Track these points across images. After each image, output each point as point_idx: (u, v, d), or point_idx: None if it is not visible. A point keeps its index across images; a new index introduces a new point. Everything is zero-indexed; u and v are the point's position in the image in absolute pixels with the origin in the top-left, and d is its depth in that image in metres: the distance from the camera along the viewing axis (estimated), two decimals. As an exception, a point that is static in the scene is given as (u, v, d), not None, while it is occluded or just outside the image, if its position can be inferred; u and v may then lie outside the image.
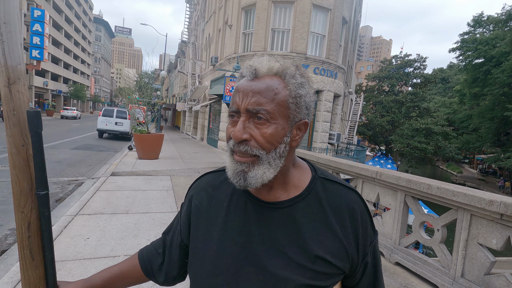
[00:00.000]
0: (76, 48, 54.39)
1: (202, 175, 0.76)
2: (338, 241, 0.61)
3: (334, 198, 0.64)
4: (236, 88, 0.61)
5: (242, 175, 0.58)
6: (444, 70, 44.02)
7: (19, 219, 0.64)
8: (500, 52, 20.22)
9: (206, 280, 0.63)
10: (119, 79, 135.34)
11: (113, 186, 5.62)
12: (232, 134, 0.58)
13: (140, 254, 0.79)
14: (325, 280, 0.60)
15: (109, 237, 3.30)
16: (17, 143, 0.62)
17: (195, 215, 0.69)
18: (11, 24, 0.60)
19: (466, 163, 37.31)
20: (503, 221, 2.30)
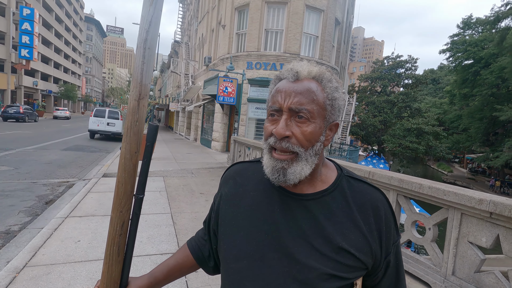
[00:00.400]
0: (67, 47, 53.54)
1: (232, 164, 0.82)
2: (362, 236, 0.63)
3: (359, 195, 0.67)
4: (277, 89, 0.65)
5: (282, 171, 0.62)
6: (434, 71, 44.75)
7: (116, 217, 0.71)
8: (488, 53, 20.65)
9: (232, 264, 0.67)
10: (111, 79, 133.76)
11: (105, 188, 5.54)
12: (274, 131, 0.62)
13: (189, 244, 0.86)
14: (348, 272, 0.62)
15: (100, 240, 3.25)
16: (132, 150, 0.70)
17: (224, 202, 0.74)
18: (152, 49, 0.71)
19: (456, 163, 37.98)
20: (493, 220, 2.34)
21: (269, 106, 0.65)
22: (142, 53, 0.69)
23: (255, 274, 0.64)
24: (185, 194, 5.60)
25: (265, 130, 0.66)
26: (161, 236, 3.54)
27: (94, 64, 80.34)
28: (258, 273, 0.64)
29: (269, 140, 0.64)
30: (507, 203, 2.20)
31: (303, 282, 0.61)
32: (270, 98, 0.67)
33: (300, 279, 0.61)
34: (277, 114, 0.64)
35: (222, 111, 14.07)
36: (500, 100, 19.90)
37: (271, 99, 0.66)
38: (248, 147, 8.42)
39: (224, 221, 0.72)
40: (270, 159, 0.64)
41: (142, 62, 0.70)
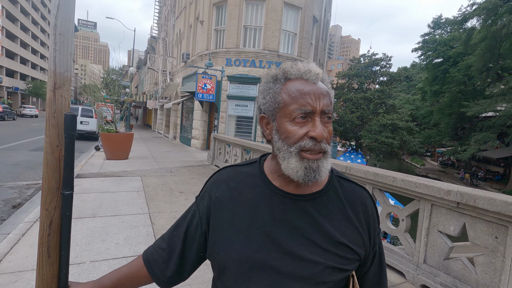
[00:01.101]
0: (34, 42, 50.54)
1: (220, 169, 0.80)
2: (356, 231, 0.70)
3: (349, 194, 0.73)
4: (301, 90, 0.64)
5: (317, 170, 0.63)
6: (407, 69, 46.55)
7: (43, 216, 0.67)
8: (456, 52, 21.75)
9: (233, 268, 0.66)
10: (83, 76, 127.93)
11: (78, 189, 5.30)
12: (316, 135, 0.62)
13: (144, 252, 0.81)
14: (347, 264, 0.67)
15: (73, 243, 3.11)
16: (53, 143, 0.67)
17: (216, 207, 0.72)
18: (65, 35, 0.68)
19: (428, 156, 39.87)
20: (460, 209, 2.47)
21: (295, 109, 0.63)
22: (53, 39, 0.67)
23: (258, 277, 0.64)
24: (164, 194, 5.48)
25: (291, 133, 0.64)
26: (139, 237, 3.44)
27: (65, 60, 76.40)
28: (262, 276, 0.64)
29: (302, 143, 0.63)
30: (472, 193, 2.34)
31: (308, 278, 0.64)
32: (290, 99, 0.64)
33: (305, 276, 0.64)
34: (307, 117, 0.64)
35: (202, 108, 13.88)
36: (467, 97, 21.05)
37: (295, 100, 0.64)
38: (228, 144, 8.37)
39: (219, 226, 0.70)
40: (302, 160, 0.63)
41: (54, 50, 0.67)
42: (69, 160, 0.68)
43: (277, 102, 0.66)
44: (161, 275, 0.76)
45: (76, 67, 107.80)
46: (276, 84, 0.68)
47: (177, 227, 0.79)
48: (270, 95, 0.68)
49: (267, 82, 0.70)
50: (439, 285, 2.56)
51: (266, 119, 0.70)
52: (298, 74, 0.66)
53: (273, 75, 0.69)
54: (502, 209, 2.12)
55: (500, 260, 2.20)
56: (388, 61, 31.69)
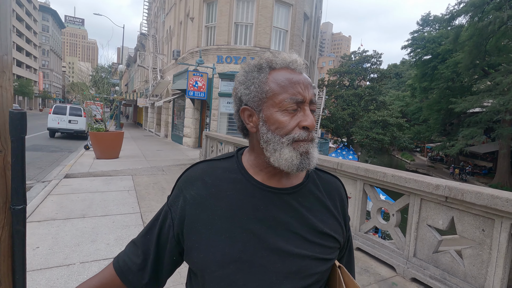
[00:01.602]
0: (20, 39, 49.19)
1: (194, 165, 0.75)
2: (335, 220, 0.72)
3: (327, 185, 0.75)
4: (291, 80, 0.63)
5: (310, 157, 0.63)
6: (397, 65, 47.15)
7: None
8: (444, 49, 22.10)
9: (216, 272, 0.62)
10: (72, 74, 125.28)
11: (67, 189, 5.20)
12: (308, 124, 0.62)
13: (115, 260, 0.74)
14: (331, 253, 0.69)
15: (62, 245, 3.05)
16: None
17: (192, 206, 0.66)
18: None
19: (418, 152, 40.57)
20: (448, 203, 2.52)
21: (285, 98, 0.61)
22: None
23: (245, 278, 0.61)
24: (156, 193, 5.42)
25: (283, 124, 0.62)
26: (130, 237, 3.39)
27: (52, 57, 74.65)
28: (249, 276, 0.61)
29: (296, 135, 0.62)
30: (460, 187, 2.38)
31: (296, 272, 0.63)
32: (280, 88, 0.62)
33: (294, 271, 0.63)
34: (298, 106, 0.63)
35: (193, 106, 13.76)
36: (455, 93, 21.46)
37: (285, 90, 0.62)
38: (220, 142, 8.33)
39: (196, 227, 0.65)
40: (294, 150, 0.62)
41: None
42: (18, 168, 0.56)
43: (264, 92, 0.63)
44: (137, 284, 0.70)
45: (64, 65, 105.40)
46: (261, 74, 0.65)
47: (149, 230, 0.73)
48: (255, 85, 0.64)
49: (250, 72, 0.66)
50: (429, 277, 2.61)
51: (249, 111, 0.66)
52: (283, 63, 0.65)
53: (256, 64, 0.66)
54: (488, 203, 2.17)
55: (487, 252, 2.26)
56: (379, 58, 32.08)
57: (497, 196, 2.13)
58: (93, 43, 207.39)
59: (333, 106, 31.35)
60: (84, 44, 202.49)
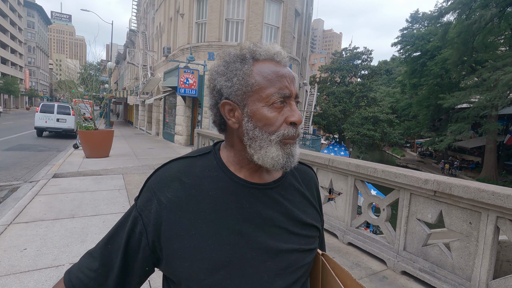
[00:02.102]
0: (4, 35, 47.76)
1: (166, 163, 0.67)
2: (314, 208, 0.73)
3: (303, 175, 0.76)
4: (278, 73, 0.60)
5: (294, 155, 0.62)
6: (388, 62, 47.63)
7: None
8: (433, 46, 22.42)
9: (206, 280, 0.57)
10: (59, 71, 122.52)
11: (55, 189, 5.10)
12: (296, 120, 0.60)
13: (66, 277, 0.63)
14: (314, 243, 0.70)
15: (51, 246, 2.99)
16: None
17: (170, 211, 0.59)
18: None
19: (408, 147, 41.23)
20: (437, 197, 2.57)
21: (273, 92, 0.58)
22: None
23: (237, 282, 0.58)
24: (147, 191, 5.37)
25: (271, 120, 0.59)
26: (121, 236, 3.35)
27: (38, 55, 72.76)
28: (240, 279, 0.58)
29: (283, 131, 0.59)
30: (448, 181, 2.43)
31: (286, 267, 0.62)
32: (266, 82, 0.59)
33: (283, 266, 0.62)
34: (284, 101, 0.60)
35: (184, 103, 13.64)
36: (444, 89, 21.82)
37: (272, 83, 0.59)
38: (212, 140, 8.29)
39: (177, 234, 0.59)
40: (283, 147, 0.60)
41: None
42: None
43: (249, 85, 0.59)
44: None
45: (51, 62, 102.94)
46: (244, 65, 0.60)
47: (110, 239, 0.63)
48: (238, 77, 0.60)
49: (232, 62, 0.62)
50: (418, 270, 2.66)
51: (230, 106, 0.62)
52: (267, 55, 0.62)
53: (238, 54, 0.62)
54: (475, 196, 2.22)
55: (474, 245, 2.31)
56: (369, 55, 32.39)
57: (484, 190, 2.18)
58: (81, 40, 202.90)
59: (325, 103, 31.56)
60: (72, 41, 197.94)
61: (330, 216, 3.80)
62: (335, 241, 3.55)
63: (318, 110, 29.86)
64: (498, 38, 18.54)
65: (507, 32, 17.95)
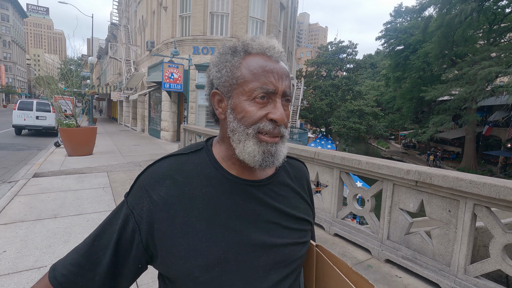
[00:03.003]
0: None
1: (158, 161, 0.66)
2: (306, 204, 0.75)
3: (296, 171, 0.77)
4: (264, 68, 0.59)
5: (275, 155, 0.61)
6: (372, 56, 48.37)
7: None
8: (416, 40, 22.91)
9: (201, 277, 0.57)
10: (37, 67, 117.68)
11: (36, 189, 4.93)
12: (277, 118, 0.58)
13: (51, 275, 0.61)
14: (307, 236, 0.71)
15: (32, 247, 2.90)
16: None
17: (162, 209, 0.59)
18: None
19: (392, 139, 42.24)
20: (418, 187, 2.64)
21: (256, 87, 0.58)
22: None
23: (232, 278, 0.58)
24: (133, 189, 5.27)
25: (250, 114, 0.58)
26: (106, 235, 3.29)
27: (14, 49, 69.58)
28: (235, 275, 0.58)
29: (261, 125, 0.58)
30: (429, 171, 2.50)
31: (281, 261, 0.63)
32: (251, 76, 0.58)
33: (278, 260, 0.63)
34: (267, 97, 0.59)
35: (170, 99, 13.42)
36: (425, 82, 22.40)
37: (256, 78, 0.58)
38: (199, 135, 8.22)
39: (170, 232, 0.58)
40: (259, 143, 0.59)
41: None
42: None
43: (235, 78, 0.60)
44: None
45: (28, 58, 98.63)
46: (234, 57, 0.61)
47: (98, 236, 0.62)
48: (227, 68, 0.61)
49: (224, 54, 0.62)
50: (401, 258, 2.74)
51: (219, 96, 0.63)
52: (260, 49, 0.61)
53: (231, 46, 0.63)
54: (454, 185, 2.30)
55: (453, 232, 2.40)
56: (354, 49, 32.73)
57: (462, 179, 2.26)
58: (59, 34, 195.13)
59: (311, 97, 31.78)
60: (50, 35, 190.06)
61: (316, 208, 3.86)
62: (322, 232, 3.61)
63: (305, 104, 30.06)
64: (477, 32, 19.11)
65: (485, 26, 18.54)
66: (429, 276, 2.49)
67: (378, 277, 2.62)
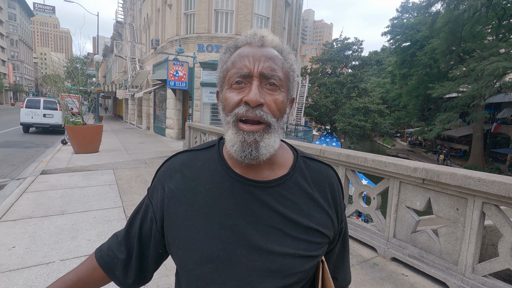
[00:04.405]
0: (-16, 28, 45.93)
1: (173, 155, 0.70)
2: (324, 213, 0.65)
3: (316, 174, 0.68)
4: (240, 54, 0.59)
5: (254, 145, 0.56)
6: (378, 53, 47.82)
7: None
8: (423, 36, 22.56)
9: (194, 271, 0.59)
10: (44, 65, 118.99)
11: (44, 186, 5.00)
12: (248, 98, 0.55)
13: (98, 255, 0.70)
14: (317, 250, 0.63)
15: (40, 243, 2.94)
16: None
17: (171, 200, 0.63)
18: None
19: (398, 137, 41.83)
20: (425, 185, 2.61)
21: (232, 74, 0.58)
22: None
23: (224, 277, 0.58)
24: (138, 186, 5.31)
25: (228, 101, 0.58)
26: (113, 231, 3.32)
27: (21, 48, 70.40)
28: (227, 275, 0.58)
29: (236, 110, 0.56)
30: (436, 169, 2.47)
31: (277, 271, 0.59)
32: (231, 65, 0.59)
33: (274, 269, 0.58)
34: (244, 81, 0.57)
35: (175, 96, 13.46)
36: (432, 79, 22.08)
37: (234, 65, 0.58)
38: (204, 133, 8.23)
39: (175, 223, 0.61)
40: (238, 133, 0.57)
41: None
42: None
43: (223, 72, 0.62)
44: (124, 281, 0.69)
45: (35, 56, 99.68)
46: (226, 54, 0.63)
47: (130, 224, 0.70)
48: (220, 65, 0.64)
49: (222, 54, 0.65)
50: (407, 256, 2.72)
51: (219, 93, 0.66)
52: (245, 40, 0.61)
53: (226, 46, 0.65)
54: (462, 183, 2.26)
55: (461, 230, 2.37)
56: (360, 45, 32.40)
57: (470, 177, 2.22)
58: (66, 33, 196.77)
59: (316, 94, 31.59)
60: (56, 34, 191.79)
61: (322, 206, 3.84)
62: (327, 230, 3.59)
63: (310, 102, 29.92)
64: (485, 27, 18.76)
65: (494, 22, 18.18)
66: (436, 275, 2.47)
67: (384, 275, 2.60)
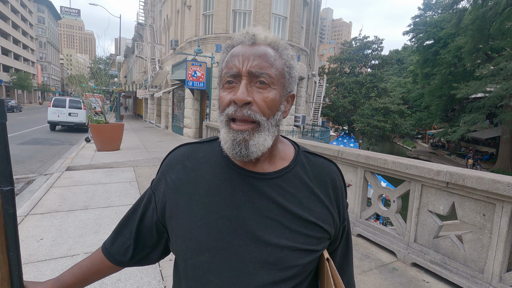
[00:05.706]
0: (15, 31, 48.56)
1: (176, 147, 0.72)
2: (325, 208, 0.65)
3: (317, 169, 0.68)
4: (232, 54, 0.60)
5: (243, 144, 0.57)
6: (399, 51, 46.45)
7: None
8: (447, 33, 21.69)
9: (191, 259, 0.60)
10: (70, 66, 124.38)
11: (69, 182, 5.23)
12: (234, 97, 0.56)
13: (104, 247, 0.75)
14: (316, 244, 0.62)
15: (66, 236, 3.08)
16: None
17: (172, 191, 0.65)
18: None
19: (419, 139, 40.45)
20: (449, 189, 2.52)
21: (224, 73, 0.59)
22: None
23: (221, 267, 0.59)
24: (157, 183, 5.45)
25: (221, 100, 0.59)
26: (133, 227, 3.43)
27: (49, 50, 73.90)
28: (224, 265, 0.59)
29: (227, 110, 0.58)
30: (461, 172, 2.37)
31: (274, 263, 0.59)
32: (225, 65, 0.60)
33: (271, 261, 0.58)
34: (234, 81, 0.58)
35: (193, 96, 13.68)
36: (457, 79, 21.17)
37: (226, 65, 0.60)
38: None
39: (175, 213, 0.63)
40: (229, 131, 0.58)
41: None
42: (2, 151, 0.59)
43: (220, 71, 0.63)
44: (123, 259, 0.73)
45: (61, 57, 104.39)
46: (223, 54, 0.64)
47: (133, 212, 0.73)
48: (219, 65, 0.65)
49: (221, 54, 0.66)
50: (429, 262, 2.63)
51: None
52: (238, 39, 0.62)
53: (224, 45, 0.65)
54: (489, 187, 2.16)
55: (487, 237, 2.26)
56: (380, 44, 31.65)
57: (498, 181, 2.12)
58: (90, 35, 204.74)
59: (334, 94, 31.15)
60: (81, 36, 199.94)
61: (339, 208, 3.79)
62: (344, 232, 3.54)
63: (327, 102, 29.52)
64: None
65: (526, 18, 17.16)
66: (460, 283, 2.37)
67: (404, 280, 2.53)
